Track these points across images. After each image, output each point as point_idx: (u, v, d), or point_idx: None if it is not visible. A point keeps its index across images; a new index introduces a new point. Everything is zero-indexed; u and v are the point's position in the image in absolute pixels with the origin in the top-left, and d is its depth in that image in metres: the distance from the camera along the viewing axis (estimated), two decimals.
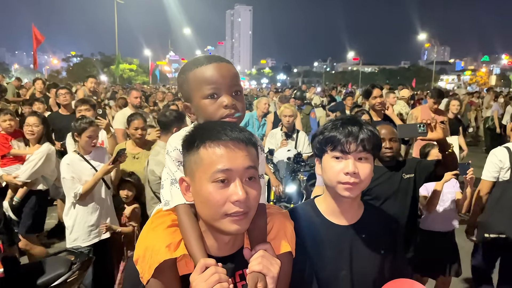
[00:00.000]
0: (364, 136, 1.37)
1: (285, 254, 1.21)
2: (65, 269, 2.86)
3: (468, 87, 36.24)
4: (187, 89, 1.21)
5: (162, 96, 13.75)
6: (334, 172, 1.39)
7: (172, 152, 1.20)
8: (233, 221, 1.05)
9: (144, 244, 1.15)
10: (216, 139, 1.05)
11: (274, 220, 1.26)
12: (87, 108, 4.69)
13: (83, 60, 61.88)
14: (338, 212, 1.49)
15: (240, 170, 1.04)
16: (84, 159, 3.49)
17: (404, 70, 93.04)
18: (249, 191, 1.05)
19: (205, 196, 1.05)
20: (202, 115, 1.19)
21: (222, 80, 1.17)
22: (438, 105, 6.02)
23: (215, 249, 1.17)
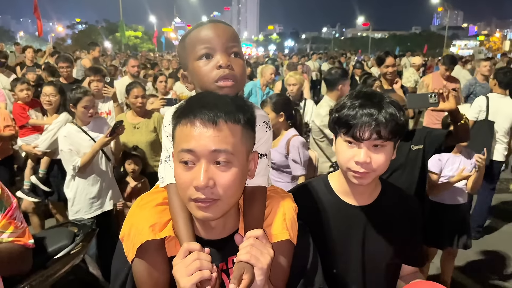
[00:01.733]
0: (382, 121, 1.21)
1: (282, 243, 1.07)
2: (68, 240, 2.82)
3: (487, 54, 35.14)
4: (183, 56, 1.12)
5: (168, 64, 13.58)
6: (345, 157, 1.29)
7: (166, 127, 1.11)
8: (198, 207, 0.95)
9: (130, 221, 1.08)
10: (186, 117, 0.95)
11: (273, 204, 1.14)
12: (99, 78, 4.54)
13: (88, 27, 61.09)
14: (352, 193, 1.40)
15: (204, 152, 0.93)
16: (82, 130, 3.40)
17: (415, 35, 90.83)
18: (217, 178, 0.94)
19: (176, 176, 0.98)
20: (196, 80, 1.08)
21: (217, 38, 1.05)
22: (450, 72, 5.82)
23: (202, 231, 1.08)
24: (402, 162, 2.61)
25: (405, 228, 1.43)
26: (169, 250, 1.06)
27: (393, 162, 2.53)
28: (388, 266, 1.43)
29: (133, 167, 3.75)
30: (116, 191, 3.60)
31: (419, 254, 1.52)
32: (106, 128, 3.59)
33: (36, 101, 4.52)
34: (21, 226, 1.75)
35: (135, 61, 5.94)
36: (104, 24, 61.98)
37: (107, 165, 3.51)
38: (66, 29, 65.82)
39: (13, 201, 1.74)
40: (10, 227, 1.71)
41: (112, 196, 3.52)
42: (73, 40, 54.73)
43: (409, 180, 2.62)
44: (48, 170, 4.16)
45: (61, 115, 4.02)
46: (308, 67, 12.38)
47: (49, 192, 4.17)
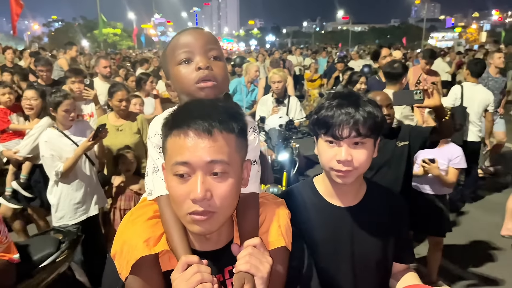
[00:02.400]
0: (359, 119, 1.24)
1: (278, 250, 1.07)
2: (53, 248, 2.76)
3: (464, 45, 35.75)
4: (165, 65, 1.12)
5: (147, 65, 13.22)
6: (327, 157, 1.30)
7: (153, 138, 1.09)
8: (194, 221, 0.93)
9: (121, 238, 1.05)
10: (178, 127, 0.92)
11: (267, 211, 1.13)
12: (80, 79, 4.44)
13: (65, 25, 59.79)
14: (337, 194, 1.41)
15: (200, 164, 0.91)
16: (63, 134, 3.32)
17: (394, 28, 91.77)
18: (213, 189, 0.92)
19: (169, 189, 0.96)
20: (178, 85, 1.08)
21: (195, 42, 1.06)
22: (430, 66, 5.89)
23: (197, 244, 1.06)
24: (388, 159, 2.64)
25: (392, 226, 1.45)
26: (163, 264, 1.04)
27: (380, 159, 2.60)
28: (379, 264, 1.44)
29: (126, 168, 3.69)
30: (101, 196, 3.53)
31: (408, 251, 1.54)
32: (89, 131, 3.52)
33: (19, 105, 4.39)
34: (5, 241, 1.70)
35: (106, 61, 5.59)
36: (81, 22, 60.76)
37: (91, 169, 3.44)
38: (42, 27, 64.30)
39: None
40: None
41: (97, 200, 3.45)
42: (50, 38, 53.48)
43: (395, 176, 2.65)
44: (30, 176, 4.07)
45: (42, 119, 3.93)
46: (290, 62, 12.39)
47: (31, 198, 4.08)
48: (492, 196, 5.79)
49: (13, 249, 1.75)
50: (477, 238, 4.57)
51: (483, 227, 4.81)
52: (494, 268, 3.94)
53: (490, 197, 5.79)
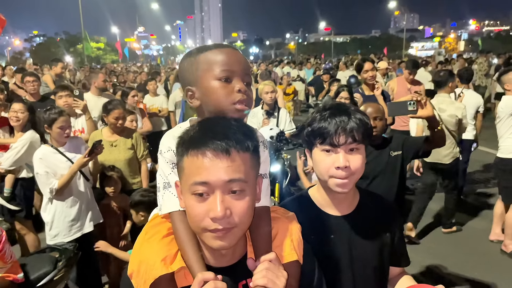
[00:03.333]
0: (353, 126, 1.31)
1: (291, 263, 1.10)
2: (50, 267, 2.73)
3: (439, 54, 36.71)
4: (194, 72, 1.10)
5: (133, 77, 13.23)
6: (324, 166, 1.35)
7: (166, 153, 1.09)
8: (215, 237, 0.96)
9: (138, 257, 1.06)
10: (196, 148, 0.94)
11: (279, 226, 1.16)
12: (68, 94, 4.44)
13: (47, 40, 59.23)
14: (333, 203, 1.45)
15: (219, 183, 0.93)
16: (58, 151, 3.31)
17: (375, 39, 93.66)
18: (232, 207, 0.95)
19: (187, 208, 0.98)
20: (211, 98, 1.07)
21: (237, 65, 1.08)
22: (413, 76, 6.05)
23: (212, 260, 1.08)
24: (383, 168, 2.71)
25: (386, 231, 1.50)
26: (179, 280, 1.06)
27: (374, 169, 2.67)
28: (377, 271, 1.48)
29: (112, 189, 3.68)
30: (96, 212, 3.51)
31: (403, 255, 1.59)
32: (83, 148, 3.52)
33: (5, 118, 4.38)
34: (10, 261, 1.70)
35: (104, 75, 5.65)
36: (63, 36, 60.21)
37: (86, 185, 3.42)
38: (24, 43, 63.58)
39: (2, 234, 1.68)
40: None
41: (92, 217, 3.43)
42: (31, 53, 52.92)
43: (389, 185, 2.72)
44: (13, 189, 4.10)
45: (26, 133, 3.96)
46: (276, 74, 12.52)
47: (16, 210, 4.10)
48: (480, 202, 5.92)
49: (18, 268, 1.74)
50: (466, 244, 4.67)
51: (472, 233, 4.92)
52: (485, 273, 4.01)
53: (477, 203, 5.93)
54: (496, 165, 4.48)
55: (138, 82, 11.24)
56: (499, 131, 4.40)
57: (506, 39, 71.64)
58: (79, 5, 29.29)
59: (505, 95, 4.38)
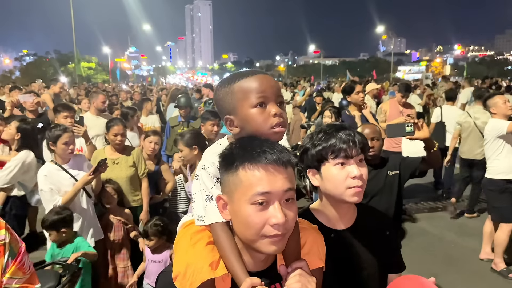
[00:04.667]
0: (360, 139, 1.45)
1: (317, 270, 1.24)
2: (54, 282, 2.76)
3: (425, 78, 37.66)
4: (230, 101, 1.18)
5: (126, 95, 13.39)
6: (340, 178, 1.43)
7: (209, 168, 1.18)
8: (271, 243, 1.06)
9: (185, 260, 1.14)
10: (255, 162, 1.05)
11: (308, 235, 1.29)
12: (72, 114, 4.48)
13: (38, 59, 59.08)
14: (337, 217, 1.54)
15: (279, 193, 1.05)
16: (62, 168, 3.38)
17: (364, 62, 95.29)
18: (287, 214, 1.06)
19: (244, 217, 1.06)
20: (250, 126, 1.16)
21: (270, 89, 1.17)
22: (406, 99, 6.25)
23: (251, 265, 1.17)
24: (381, 187, 2.81)
25: (383, 240, 1.60)
26: (217, 285, 1.14)
27: (373, 188, 2.78)
28: (377, 279, 1.57)
29: (107, 201, 3.74)
30: (97, 228, 3.56)
31: (398, 261, 1.68)
32: (85, 165, 3.58)
33: None
34: (28, 272, 1.74)
35: (104, 96, 5.63)
36: (54, 56, 60.17)
37: (88, 202, 3.48)
38: (14, 61, 63.36)
39: (21, 246, 1.74)
40: (19, 273, 1.70)
41: (93, 233, 3.48)
42: (21, 72, 52.72)
43: (387, 204, 2.81)
44: (4, 206, 4.14)
45: (20, 152, 4.00)
46: None
47: None
48: (469, 221, 6.06)
49: (36, 279, 1.79)
50: (457, 262, 4.77)
51: (462, 252, 5.03)
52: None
53: (467, 222, 6.06)
54: (485, 186, 4.63)
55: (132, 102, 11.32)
56: (487, 153, 4.56)
57: (491, 64, 73.73)
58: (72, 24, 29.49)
59: (491, 118, 4.56)
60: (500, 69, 65.75)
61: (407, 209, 6.47)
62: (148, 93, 17.64)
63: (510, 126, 4.18)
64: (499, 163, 4.41)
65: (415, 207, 6.68)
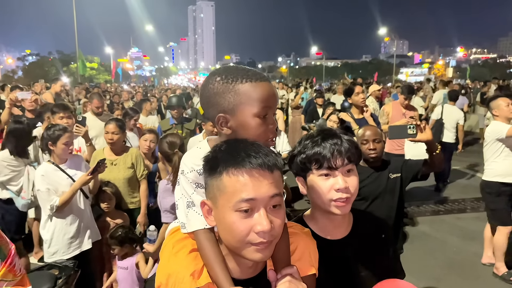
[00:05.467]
0: (348, 147, 1.34)
1: (309, 277, 1.18)
2: (50, 284, 2.72)
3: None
4: (231, 100, 1.10)
5: (128, 95, 13.37)
6: (324, 191, 1.35)
7: (189, 174, 1.13)
8: (257, 250, 1.01)
9: (167, 270, 1.11)
10: (239, 166, 0.99)
11: (298, 241, 1.23)
12: (69, 115, 4.40)
13: (40, 59, 59.22)
14: (330, 227, 1.46)
15: (265, 199, 0.99)
16: (59, 168, 3.34)
17: (366, 64, 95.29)
18: (274, 220, 1.01)
19: (228, 225, 1.01)
20: (247, 132, 1.11)
21: (273, 100, 1.13)
22: (409, 101, 6.20)
23: (237, 272, 1.13)
24: (382, 190, 2.76)
25: (381, 246, 1.52)
26: None
27: (374, 190, 2.73)
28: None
29: (106, 204, 3.70)
30: (94, 230, 3.51)
31: (399, 267, 1.62)
32: (83, 165, 3.54)
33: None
34: (19, 274, 1.71)
35: (99, 102, 5.55)
36: (56, 56, 60.29)
37: (86, 203, 3.44)
38: (17, 61, 63.54)
39: (11, 248, 1.70)
40: (9, 275, 1.66)
41: (90, 235, 3.43)
42: (24, 72, 52.86)
43: (389, 207, 2.77)
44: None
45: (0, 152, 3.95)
46: None
47: None
48: (471, 225, 5.99)
49: (27, 281, 1.75)
50: (459, 267, 4.70)
51: (464, 256, 4.97)
52: None
53: (469, 225, 6.00)
54: (482, 188, 4.59)
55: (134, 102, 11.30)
56: (485, 155, 4.52)
57: (493, 67, 73.58)
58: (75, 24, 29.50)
59: (493, 120, 4.52)
60: (503, 72, 65.57)
61: (409, 212, 6.41)
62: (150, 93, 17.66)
63: (510, 131, 4.13)
64: (496, 166, 4.38)
65: (416, 210, 6.62)
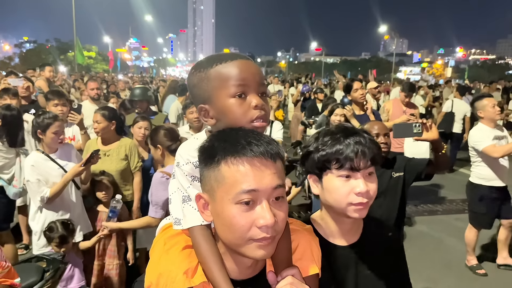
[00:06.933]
0: (371, 148, 1.23)
1: (312, 277, 1.09)
2: (37, 277, 2.62)
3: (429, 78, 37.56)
4: (206, 89, 1.03)
5: (124, 85, 13.26)
6: (342, 193, 1.23)
7: (184, 166, 1.04)
8: (259, 247, 0.92)
9: (157, 269, 1.01)
10: (239, 155, 0.90)
11: (300, 238, 1.13)
12: (64, 102, 4.27)
13: (38, 46, 58.73)
14: (340, 233, 1.35)
15: (267, 190, 0.91)
16: (50, 158, 3.22)
17: (365, 61, 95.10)
18: (277, 214, 0.92)
19: (227, 219, 0.91)
20: (227, 117, 1.01)
21: (252, 77, 1.02)
22: (409, 99, 6.14)
23: (235, 272, 1.03)
24: (384, 189, 2.66)
25: (391, 257, 1.43)
26: None
27: None
28: None
29: (103, 194, 3.57)
30: (86, 221, 3.41)
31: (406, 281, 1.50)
32: (74, 154, 3.43)
33: None
34: (6, 265, 1.62)
35: (94, 83, 5.56)
36: (54, 43, 59.82)
37: (77, 194, 3.33)
38: (14, 48, 62.98)
39: None
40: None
41: (82, 227, 3.33)
42: (21, 59, 52.41)
43: (391, 206, 2.68)
44: None
45: None
46: (268, 91, 12.59)
47: None
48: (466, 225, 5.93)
49: (14, 273, 1.67)
50: (457, 267, 4.65)
51: (462, 256, 4.87)
52: None
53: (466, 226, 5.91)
54: (467, 188, 4.57)
55: None
56: (472, 157, 4.48)
57: (492, 68, 73.72)
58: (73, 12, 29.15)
59: (479, 123, 4.41)
60: (501, 73, 65.67)
61: (406, 211, 6.33)
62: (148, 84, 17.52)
63: (487, 149, 4.10)
64: (481, 169, 4.34)
65: (414, 209, 6.55)
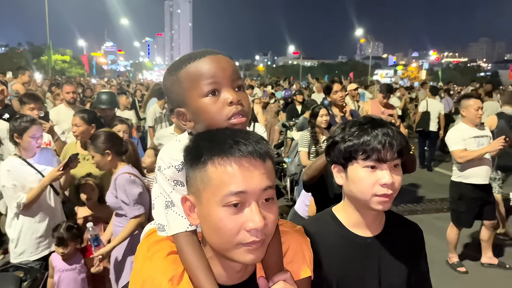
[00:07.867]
0: (399, 140, 1.22)
1: (304, 280, 1.06)
2: (13, 287, 2.54)
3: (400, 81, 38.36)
4: (178, 91, 0.98)
5: (102, 89, 13.04)
6: (368, 184, 1.23)
7: (166, 170, 0.99)
8: (248, 251, 0.88)
9: (141, 276, 0.97)
10: (227, 155, 0.86)
11: (290, 240, 1.10)
12: (39, 106, 4.13)
13: (9, 50, 57.21)
14: (363, 224, 1.34)
15: (256, 192, 0.87)
16: (27, 163, 3.11)
17: (342, 64, 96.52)
18: (267, 216, 0.88)
19: (214, 222, 0.87)
20: (203, 118, 0.96)
21: (222, 72, 0.96)
22: (387, 100, 6.21)
23: (224, 277, 0.99)
24: None
25: (413, 253, 1.42)
26: None
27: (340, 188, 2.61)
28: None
29: (87, 196, 3.46)
30: None
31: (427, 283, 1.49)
32: (55, 160, 3.33)
33: None
34: None
35: (69, 87, 5.32)
36: (27, 47, 58.40)
37: (56, 199, 3.23)
38: None
39: None
40: None
41: None
42: None
43: None
44: None
45: None
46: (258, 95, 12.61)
47: None
48: (448, 225, 6.01)
49: None
50: (438, 266, 4.72)
51: (442, 255, 4.94)
52: None
53: (446, 225, 6.00)
54: (449, 186, 4.68)
55: None
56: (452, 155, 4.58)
57: (464, 70, 75.90)
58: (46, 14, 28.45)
59: (460, 122, 4.53)
60: (473, 75, 67.64)
61: None
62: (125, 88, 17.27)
63: (455, 153, 4.30)
64: (460, 166, 4.44)
65: (394, 209, 6.50)
